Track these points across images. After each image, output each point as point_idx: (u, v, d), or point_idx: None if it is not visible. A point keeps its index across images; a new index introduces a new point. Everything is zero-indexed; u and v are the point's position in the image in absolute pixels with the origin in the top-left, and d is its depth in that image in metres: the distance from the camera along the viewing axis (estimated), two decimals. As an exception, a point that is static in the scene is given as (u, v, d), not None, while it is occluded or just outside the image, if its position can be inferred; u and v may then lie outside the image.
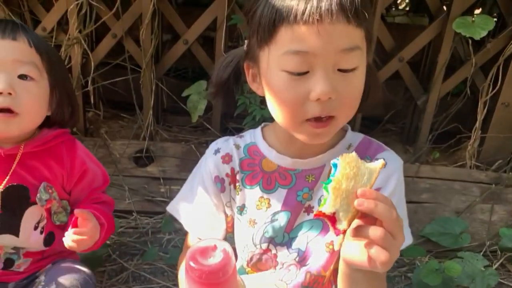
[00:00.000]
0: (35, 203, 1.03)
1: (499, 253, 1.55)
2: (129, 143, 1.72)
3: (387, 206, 0.64)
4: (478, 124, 1.74)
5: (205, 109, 1.74)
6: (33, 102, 0.98)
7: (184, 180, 1.03)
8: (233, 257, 0.70)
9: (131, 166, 1.68)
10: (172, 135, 1.89)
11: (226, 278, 0.67)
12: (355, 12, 0.73)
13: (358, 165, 0.65)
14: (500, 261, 1.52)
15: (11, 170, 1.00)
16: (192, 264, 0.67)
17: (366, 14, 0.75)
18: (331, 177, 0.65)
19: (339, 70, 0.76)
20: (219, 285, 0.67)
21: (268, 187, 0.91)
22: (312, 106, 0.77)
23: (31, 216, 1.03)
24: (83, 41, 1.68)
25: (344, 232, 0.66)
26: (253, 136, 0.96)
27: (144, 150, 1.70)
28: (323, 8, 0.72)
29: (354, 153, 0.66)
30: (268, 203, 0.91)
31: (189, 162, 1.66)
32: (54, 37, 1.70)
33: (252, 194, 0.93)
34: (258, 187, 0.92)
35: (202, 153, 0.97)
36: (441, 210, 1.64)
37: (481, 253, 1.51)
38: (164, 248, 1.45)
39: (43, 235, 1.06)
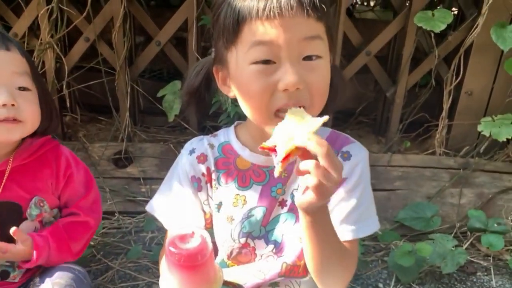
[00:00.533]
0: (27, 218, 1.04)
1: (469, 233, 1.63)
2: (107, 145, 1.74)
3: (318, 141, 0.70)
4: (444, 113, 1.83)
5: (182, 108, 1.76)
6: (33, 111, 1.00)
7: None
8: (210, 243, 0.74)
9: (111, 167, 1.69)
10: (151, 136, 1.91)
11: (204, 261, 0.71)
12: (313, 6, 0.78)
13: (304, 116, 0.75)
14: (470, 240, 1.61)
15: (1, 186, 1.00)
16: (171, 249, 0.71)
17: (325, 7, 0.80)
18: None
19: (305, 59, 0.80)
20: (197, 267, 0.71)
21: (243, 185, 0.94)
22: (280, 96, 0.80)
23: (25, 231, 1.03)
24: (55, 46, 1.68)
25: (283, 161, 0.73)
26: (226, 135, 0.99)
27: (123, 152, 1.72)
28: (282, 3, 0.77)
29: (301, 108, 0.76)
30: (244, 200, 0.95)
31: (168, 162, 1.64)
32: (26, 42, 1.69)
33: (228, 192, 0.95)
34: (233, 185, 0.95)
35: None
36: (413, 196, 1.72)
37: (452, 235, 1.59)
38: (147, 246, 1.48)
39: None
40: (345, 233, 0.89)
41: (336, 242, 0.85)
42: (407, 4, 1.75)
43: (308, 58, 0.80)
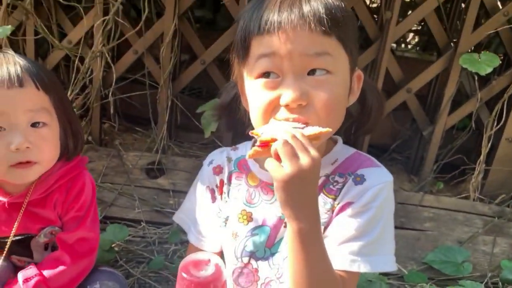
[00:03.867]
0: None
1: (500, 284, 1.55)
2: (142, 155, 1.77)
3: (287, 130, 0.72)
4: (482, 158, 1.78)
5: (218, 123, 1.78)
6: (49, 148, 0.95)
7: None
8: (225, 273, 0.72)
9: (143, 177, 1.72)
10: (183, 151, 1.94)
11: None
12: (317, 21, 0.77)
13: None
14: (501, 292, 1.53)
15: (17, 223, 0.99)
16: (184, 274, 0.69)
17: (330, 22, 0.78)
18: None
19: (310, 73, 0.79)
20: None
21: (251, 201, 0.93)
22: (283, 110, 0.79)
23: (38, 244, 1.07)
24: (107, 55, 1.75)
25: (259, 146, 0.74)
26: (244, 149, 0.99)
27: (156, 162, 1.75)
28: (282, 17, 0.78)
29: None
30: (250, 217, 0.92)
31: None
32: (80, 49, 1.77)
33: (235, 207, 0.94)
34: (242, 201, 0.94)
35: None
36: (444, 239, 1.66)
37: (483, 284, 1.52)
38: (170, 258, 1.47)
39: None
40: (339, 261, 0.81)
41: (325, 268, 0.76)
42: (452, 45, 1.75)
43: (312, 72, 0.79)
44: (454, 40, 1.78)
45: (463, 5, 1.90)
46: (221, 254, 1.00)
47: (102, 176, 1.67)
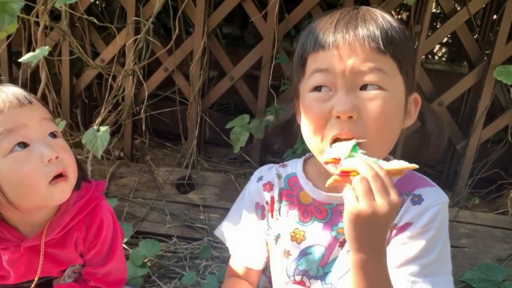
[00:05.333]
0: None
1: (545, 305, 1.49)
2: (172, 170, 1.79)
3: (369, 165, 0.71)
4: (519, 172, 1.73)
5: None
6: (72, 159, 0.93)
7: (223, 208, 1.08)
8: None
9: (173, 192, 1.74)
10: (212, 165, 1.95)
11: None
12: (372, 39, 0.80)
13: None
14: (546, 313, 1.46)
15: (39, 268, 0.94)
16: None
17: (388, 41, 0.80)
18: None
19: (362, 88, 0.81)
20: None
21: (304, 220, 0.93)
22: (334, 123, 0.81)
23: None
24: (139, 73, 1.79)
25: (340, 175, 0.74)
26: (294, 166, 1.00)
27: (187, 178, 1.76)
28: (337, 37, 0.82)
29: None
30: (303, 236, 0.92)
31: (227, 192, 1.70)
32: (112, 68, 1.82)
33: (287, 225, 0.94)
34: (294, 219, 0.94)
35: (240, 184, 0.99)
36: (482, 256, 1.60)
37: (525, 304, 1.46)
38: (201, 273, 1.47)
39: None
40: (400, 283, 0.81)
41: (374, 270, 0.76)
42: (485, 58, 1.71)
43: (365, 87, 0.81)
44: (487, 51, 1.74)
45: (495, 16, 1.87)
46: (264, 271, 1.00)
47: (134, 191, 1.70)
